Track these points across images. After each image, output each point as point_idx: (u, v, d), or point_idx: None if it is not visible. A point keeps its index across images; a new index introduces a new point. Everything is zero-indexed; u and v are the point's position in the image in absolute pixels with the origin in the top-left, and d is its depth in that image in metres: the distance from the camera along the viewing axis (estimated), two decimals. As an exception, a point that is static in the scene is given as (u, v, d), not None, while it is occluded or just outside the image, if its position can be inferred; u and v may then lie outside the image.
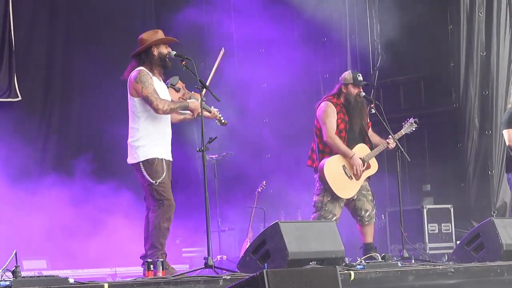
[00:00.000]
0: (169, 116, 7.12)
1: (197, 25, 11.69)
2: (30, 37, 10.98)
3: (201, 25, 11.90)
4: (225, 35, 11.70)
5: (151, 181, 6.89)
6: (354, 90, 8.62)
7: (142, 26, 11.22)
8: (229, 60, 11.04)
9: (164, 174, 6.94)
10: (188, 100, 7.19)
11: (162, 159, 6.97)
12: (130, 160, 7.04)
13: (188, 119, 7.33)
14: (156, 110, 6.89)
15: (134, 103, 7.00)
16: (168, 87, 7.22)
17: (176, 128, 7.61)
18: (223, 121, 7.45)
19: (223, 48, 7.38)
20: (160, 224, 6.88)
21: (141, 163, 6.94)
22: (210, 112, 7.30)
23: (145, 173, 6.91)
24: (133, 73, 6.97)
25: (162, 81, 7.15)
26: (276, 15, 11.56)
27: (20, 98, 10.58)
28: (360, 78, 8.65)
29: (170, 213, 6.93)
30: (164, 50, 7.08)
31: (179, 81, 7.34)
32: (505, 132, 8.90)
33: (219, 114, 7.39)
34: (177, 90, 7.28)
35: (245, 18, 11.49)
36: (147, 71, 6.98)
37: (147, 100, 6.89)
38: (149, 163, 6.92)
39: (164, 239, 6.95)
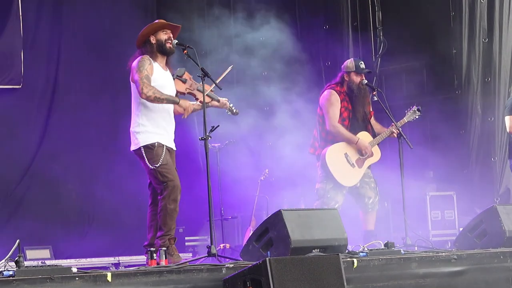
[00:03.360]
0: (171, 105, 7.10)
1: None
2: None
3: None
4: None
5: (153, 165, 6.88)
6: (356, 78, 8.61)
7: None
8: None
9: (164, 155, 6.92)
10: (184, 98, 7.16)
11: (163, 145, 6.96)
12: (132, 147, 7.03)
13: (195, 110, 7.28)
14: (140, 94, 6.84)
15: (135, 89, 6.99)
16: (174, 78, 7.18)
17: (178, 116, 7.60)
18: (234, 110, 7.38)
19: (232, 66, 7.39)
20: (166, 206, 6.86)
21: (142, 148, 6.92)
22: (218, 101, 7.25)
23: (146, 158, 6.89)
24: (136, 60, 6.98)
25: (168, 71, 7.14)
26: (277, 3, 11.52)
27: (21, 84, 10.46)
28: (363, 65, 8.64)
29: (175, 194, 6.89)
30: (163, 36, 7.04)
31: (186, 72, 7.28)
32: (507, 119, 8.84)
33: (229, 103, 7.34)
34: (184, 81, 7.24)
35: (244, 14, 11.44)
36: (149, 57, 6.97)
37: (136, 83, 6.87)
38: (150, 148, 6.92)
39: (172, 220, 6.90)
